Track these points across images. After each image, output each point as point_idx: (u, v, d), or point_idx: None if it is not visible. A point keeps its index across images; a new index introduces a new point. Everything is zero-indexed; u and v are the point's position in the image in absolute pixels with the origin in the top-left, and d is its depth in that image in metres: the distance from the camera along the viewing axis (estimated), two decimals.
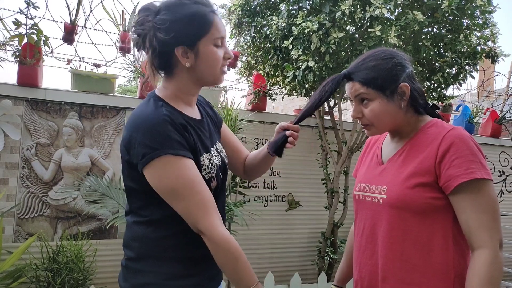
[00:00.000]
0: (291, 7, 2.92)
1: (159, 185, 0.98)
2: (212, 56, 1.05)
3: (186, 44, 1.02)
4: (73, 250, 2.52)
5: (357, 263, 1.19)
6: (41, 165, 2.75)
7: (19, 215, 2.69)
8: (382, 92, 1.07)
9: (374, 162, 1.21)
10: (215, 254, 0.99)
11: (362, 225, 1.17)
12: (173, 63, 1.05)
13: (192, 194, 0.97)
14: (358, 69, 1.10)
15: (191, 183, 0.98)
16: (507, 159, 4.52)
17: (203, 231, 0.98)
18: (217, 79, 1.09)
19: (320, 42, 2.61)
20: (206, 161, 1.07)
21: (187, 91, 1.09)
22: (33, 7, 2.66)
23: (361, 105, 1.11)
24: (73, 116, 2.84)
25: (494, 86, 5.65)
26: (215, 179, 1.09)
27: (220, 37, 1.05)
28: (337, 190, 3.26)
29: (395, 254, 1.05)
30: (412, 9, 2.59)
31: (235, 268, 1.00)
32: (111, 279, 2.83)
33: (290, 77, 2.86)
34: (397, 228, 1.06)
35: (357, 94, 1.10)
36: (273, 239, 3.44)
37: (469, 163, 0.98)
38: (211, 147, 1.12)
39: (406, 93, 1.08)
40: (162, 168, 0.96)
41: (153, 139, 0.96)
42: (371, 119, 1.10)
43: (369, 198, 1.15)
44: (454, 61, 2.92)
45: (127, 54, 3.05)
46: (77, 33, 2.89)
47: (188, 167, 0.98)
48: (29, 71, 2.69)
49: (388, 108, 1.08)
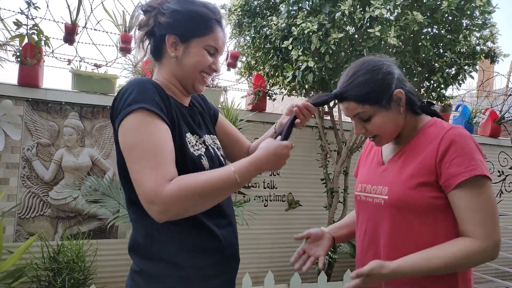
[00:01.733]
0: (291, 7, 2.92)
1: (122, 141, 0.92)
2: (200, 58, 1.05)
3: (179, 35, 1.03)
4: (74, 249, 2.53)
5: (359, 264, 1.18)
6: (42, 165, 2.76)
7: (20, 215, 2.70)
8: (378, 105, 1.07)
9: (375, 163, 1.22)
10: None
11: (364, 226, 1.18)
12: (163, 51, 1.07)
13: (144, 158, 0.87)
14: (349, 87, 1.08)
15: (156, 141, 0.89)
16: (507, 159, 4.52)
17: (148, 197, 0.86)
18: (195, 78, 1.07)
19: (320, 43, 2.62)
20: (193, 139, 1.03)
21: (174, 82, 1.09)
22: (33, 8, 2.67)
23: (361, 122, 1.11)
24: (73, 116, 2.85)
25: (493, 86, 5.66)
26: (206, 158, 1.04)
27: (214, 46, 1.06)
28: (337, 190, 3.27)
29: (398, 254, 1.04)
30: (411, 10, 2.60)
31: (207, 196, 0.91)
32: (112, 278, 2.84)
33: (290, 77, 2.87)
34: (399, 229, 1.06)
35: (355, 114, 1.09)
36: (273, 239, 3.45)
37: (469, 161, 0.99)
38: (202, 134, 1.10)
39: (402, 99, 1.08)
40: (131, 122, 0.90)
41: (133, 96, 0.92)
42: (375, 132, 1.10)
43: (370, 199, 1.16)
44: (454, 61, 2.93)
45: (127, 54, 3.06)
46: (78, 33, 2.90)
47: (158, 127, 0.91)
48: (30, 71, 2.70)
49: (389, 118, 1.08)
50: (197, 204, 0.90)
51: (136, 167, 0.88)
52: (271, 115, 3.58)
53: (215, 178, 0.90)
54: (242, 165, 0.94)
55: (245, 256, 3.20)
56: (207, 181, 0.89)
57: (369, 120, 1.09)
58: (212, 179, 0.90)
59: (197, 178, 0.89)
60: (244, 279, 2.63)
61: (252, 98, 3.50)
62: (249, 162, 0.94)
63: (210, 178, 0.90)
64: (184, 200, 0.86)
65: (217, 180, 0.90)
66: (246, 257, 3.27)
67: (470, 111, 4.29)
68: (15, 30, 2.66)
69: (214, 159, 1.08)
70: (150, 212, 0.87)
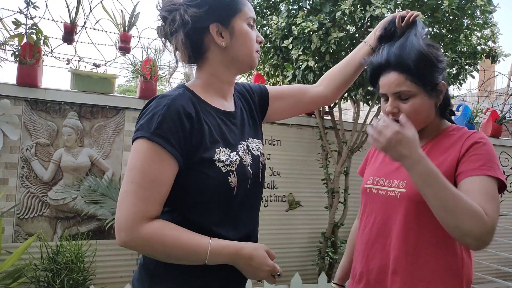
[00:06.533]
0: (291, 6, 2.91)
1: (128, 159, 0.92)
2: (248, 35, 1.00)
3: (221, 21, 0.97)
4: (73, 250, 2.52)
5: (363, 256, 1.16)
6: (41, 165, 2.75)
7: (19, 215, 2.69)
8: (424, 88, 1.04)
9: (389, 158, 1.20)
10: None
11: (373, 218, 1.16)
12: (205, 46, 0.99)
13: (135, 183, 0.87)
14: (402, 59, 1.03)
15: (152, 176, 0.87)
16: (508, 159, 4.51)
17: (119, 229, 0.86)
18: (253, 60, 1.03)
19: (320, 42, 2.61)
20: (223, 154, 0.96)
21: (220, 77, 1.02)
22: (32, 7, 2.67)
23: (398, 100, 1.06)
24: (72, 116, 2.84)
25: (494, 86, 5.65)
26: (235, 175, 0.96)
27: (252, 17, 1.02)
28: (337, 190, 3.26)
29: (409, 247, 1.04)
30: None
31: (172, 256, 0.90)
32: (111, 279, 2.83)
33: (290, 76, 2.86)
34: (413, 222, 1.05)
35: (398, 90, 1.04)
36: (273, 239, 3.44)
37: (488, 161, 0.99)
38: (236, 144, 1.01)
39: (443, 92, 1.08)
40: (137, 147, 0.89)
41: (145, 121, 0.90)
42: (409, 114, 1.03)
43: (383, 192, 1.14)
44: (455, 61, 2.92)
45: (126, 54, 3.05)
46: (77, 33, 2.89)
47: (160, 162, 0.88)
48: (29, 71, 2.69)
49: (426, 105, 1.06)
50: (160, 256, 0.90)
51: (126, 189, 0.88)
52: None
53: (186, 246, 0.88)
54: (220, 246, 0.91)
55: None
56: (181, 243, 0.88)
57: (407, 100, 1.05)
58: (184, 245, 0.88)
59: (174, 234, 0.88)
60: None
61: None
62: (227, 248, 0.92)
63: (185, 241, 0.89)
64: (150, 247, 0.87)
65: (188, 247, 0.89)
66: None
67: (471, 111, 4.27)
68: (14, 29, 2.66)
69: (246, 173, 1.00)
70: (116, 235, 0.87)
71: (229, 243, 0.93)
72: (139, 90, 3.09)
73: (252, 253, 0.93)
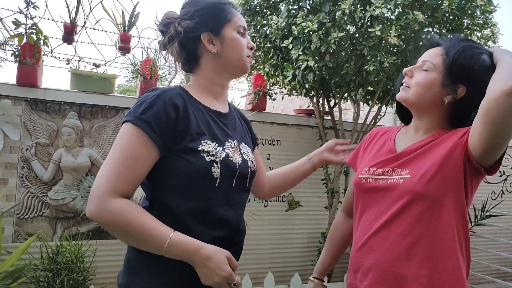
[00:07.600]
0: (291, 6, 2.91)
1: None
2: (237, 42, 1.09)
3: (211, 30, 1.07)
4: (73, 250, 2.52)
5: (369, 246, 1.13)
6: (41, 165, 2.75)
7: (19, 215, 2.69)
8: (447, 72, 1.08)
9: (385, 150, 1.19)
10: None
11: (375, 208, 1.13)
12: (199, 53, 1.09)
13: (113, 158, 0.93)
14: (454, 46, 1.10)
15: (131, 157, 0.92)
16: (508, 159, 4.51)
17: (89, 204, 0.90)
18: (243, 64, 1.12)
19: (320, 42, 2.61)
20: (208, 146, 0.99)
21: (213, 80, 1.11)
22: (32, 7, 2.67)
23: (419, 68, 1.13)
24: (72, 116, 2.84)
25: None
26: (219, 167, 0.98)
27: (242, 25, 1.11)
28: (337, 190, 3.26)
29: (421, 231, 1.04)
30: (412, 9, 2.59)
31: (131, 236, 0.92)
32: (111, 279, 2.82)
33: (290, 76, 2.86)
34: (413, 211, 1.05)
35: (427, 60, 1.12)
36: (273, 239, 3.44)
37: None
38: (224, 140, 1.05)
39: (458, 94, 1.09)
40: (122, 130, 0.96)
41: (134, 108, 0.97)
42: (416, 82, 1.12)
43: (383, 181, 1.13)
44: None
45: (126, 54, 3.05)
46: (77, 32, 2.89)
47: (141, 146, 0.93)
48: (29, 71, 2.69)
49: (436, 89, 1.10)
50: (120, 234, 0.92)
51: (104, 163, 0.93)
52: (271, 115, 3.56)
53: (148, 229, 0.90)
54: (181, 240, 0.91)
55: (245, 257, 3.17)
56: (143, 226, 0.89)
57: (425, 72, 1.11)
58: (146, 228, 0.90)
59: (139, 215, 0.90)
60: (244, 279, 2.62)
61: (252, 97, 3.48)
62: (187, 243, 0.91)
63: (148, 225, 0.90)
64: (114, 221, 0.89)
65: (149, 232, 0.90)
66: (246, 257, 3.25)
67: None
68: (14, 29, 2.65)
69: (231, 168, 1.02)
70: (87, 207, 0.91)
71: (191, 239, 0.92)
72: (139, 90, 3.09)
73: (210, 255, 0.91)
